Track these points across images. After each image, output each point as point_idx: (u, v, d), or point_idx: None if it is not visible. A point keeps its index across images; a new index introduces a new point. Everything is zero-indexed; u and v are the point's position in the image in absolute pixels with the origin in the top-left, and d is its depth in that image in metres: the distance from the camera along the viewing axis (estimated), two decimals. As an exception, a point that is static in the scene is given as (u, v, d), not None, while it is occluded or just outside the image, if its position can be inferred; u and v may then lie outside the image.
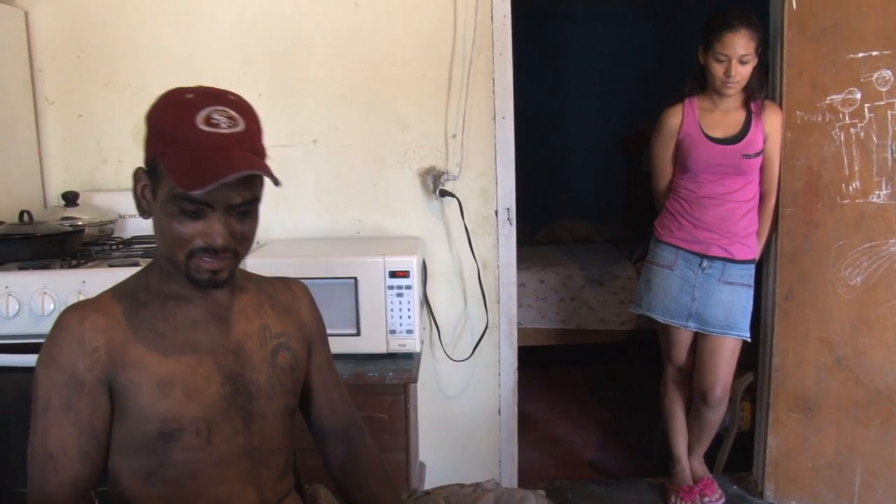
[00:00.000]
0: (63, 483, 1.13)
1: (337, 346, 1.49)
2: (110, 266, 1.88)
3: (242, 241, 1.17)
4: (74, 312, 1.17)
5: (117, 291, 1.23)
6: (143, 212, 1.20)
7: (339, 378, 1.45)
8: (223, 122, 1.11)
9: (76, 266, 1.89)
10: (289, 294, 1.37)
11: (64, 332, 1.15)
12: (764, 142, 2.41)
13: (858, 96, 2.30)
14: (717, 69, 2.33)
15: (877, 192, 2.32)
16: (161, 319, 1.19)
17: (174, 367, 1.17)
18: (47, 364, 1.14)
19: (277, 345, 1.29)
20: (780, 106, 2.44)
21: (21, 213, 1.97)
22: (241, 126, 1.13)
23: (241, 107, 1.15)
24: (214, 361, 1.21)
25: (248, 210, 1.16)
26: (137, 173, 1.18)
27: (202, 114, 1.10)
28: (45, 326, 1.76)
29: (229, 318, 1.25)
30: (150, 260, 1.28)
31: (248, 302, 1.29)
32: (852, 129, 2.33)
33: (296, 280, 1.41)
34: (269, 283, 1.37)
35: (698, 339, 2.55)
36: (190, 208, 1.11)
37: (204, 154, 1.09)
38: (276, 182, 1.13)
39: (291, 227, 2.50)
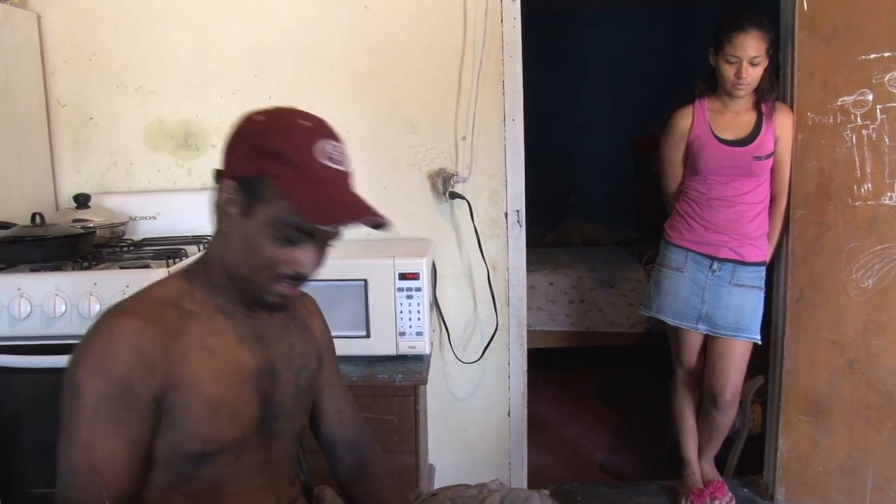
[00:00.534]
0: (113, 499, 1.06)
1: (346, 348, 1.50)
2: (121, 268, 1.89)
3: (320, 271, 1.18)
4: (130, 319, 1.09)
5: (159, 296, 1.16)
6: (219, 223, 1.16)
7: (347, 390, 1.46)
8: (341, 159, 1.12)
9: (88, 268, 1.90)
10: (304, 310, 1.37)
11: (119, 341, 1.07)
12: (775, 144, 2.40)
13: (870, 98, 2.29)
14: (728, 71, 2.32)
15: (889, 194, 2.31)
16: (211, 335, 1.16)
17: (223, 391, 1.16)
18: (97, 373, 1.06)
19: (301, 365, 1.30)
20: (791, 107, 2.43)
21: (33, 216, 1.98)
22: (351, 166, 1.15)
23: (343, 144, 1.16)
24: (254, 384, 1.20)
25: (332, 243, 1.18)
26: (223, 183, 1.12)
27: (321, 146, 1.10)
28: (57, 328, 1.79)
29: (266, 337, 1.24)
30: (186, 264, 1.25)
31: (279, 319, 1.28)
32: (864, 131, 2.31)
33: (306, 294, 1.39)
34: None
35: (708, 342, 2.54)
36: (295, 237, 1.11)
37: (331, 190, 1.10)
38: (385, 227, 1.13)
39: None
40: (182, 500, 1.15)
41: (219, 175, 1.15)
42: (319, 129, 1.13)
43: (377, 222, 1.12)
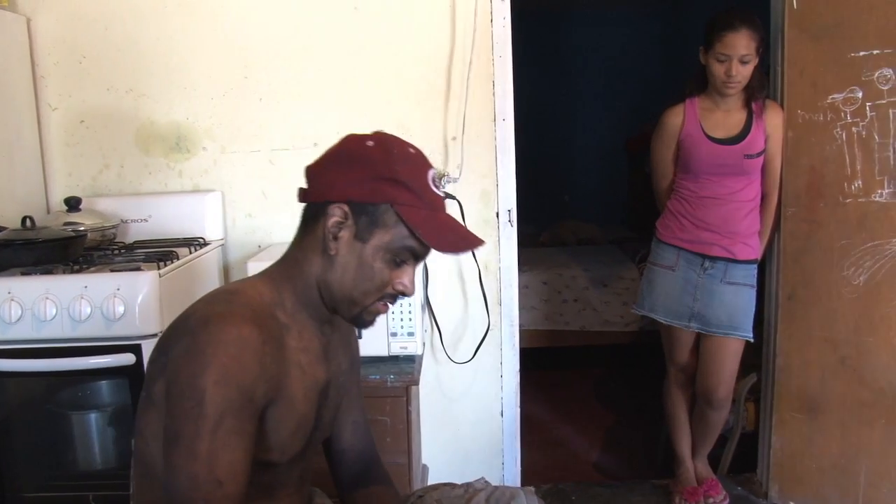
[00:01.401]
0: None
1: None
2: (112, 271, 1.89)
3: None
4: (252, 328, 1.07)
5: (257, 303, 1.14)
6: (323, 244, 1.17)
7: (363, 401, 1.48)
8: (439, 184, 1.21)
9: (79, 271, 1.89)
10: (347, 327, 1.37)
11: (246, 350, 1.05)
12: (765, 142, 2.40)
13: (860, 95, 2.30)
14: (718, 69, 2.32)
15: (879, 191, 2.31)
16: (302, 352, 1.18)
17: (307, 409, 1.19)
18: (225, 382, 1.03)
19: (342, 382, 1.33)
20: (782, 105, 2.44)
21: (23, 219, 1.98)
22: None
23: None
24: (316, 401, 1.23)
25: None
26: (333, 206, 1.14)
27: (431, 174, 1.19)
28: (49, 332, 1.79)
29: (329, 355, 1.27)
30: (267, 269, 1.26)
31: (338, 338, 1.32)
32: (854, 129, 2.32)
33: None
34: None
35: (701, 340, 2.54)
36: (404, 259, 1.17)
37: (443, 217, 1.19)
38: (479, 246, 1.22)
39: (292, 231, 2.49)
40: None
41: (308, 195, 1.19)
42: (424, 158, 1.20)
43: (478, 246, 1.20)
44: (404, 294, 1.20)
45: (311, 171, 1.21)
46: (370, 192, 1.13)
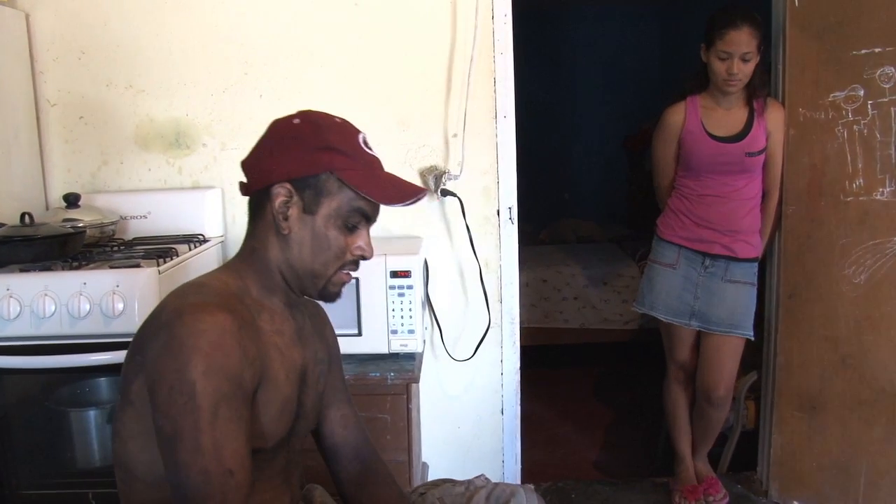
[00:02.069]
0: (244, 499, 1.04)
1: (339, 346, 1.50)
2: (112, 268, 1.88)
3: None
4: (225, 315, 1.07)
5: (224, 291, 1.16)
6: (276, 227, 1.19)
7: (351, 396, 1.47)
8: (372, 146, 1.24)
9: (78, 268, 1.88)
10: (320, 319, 1.41)
11: (225, 336, 1.05)
12: (766, 140, 2.40)
13: (861, 93, 2.29)
14: (720, 67, 2.32)
15: (880, 190, 2.31)
16: (277, 334, 1.19)
17: (290, 390, 1.19)
18: (213, 372, 1.03)
19: (321, 370, 1.33)
20: (783, 103, 2.43)
21: (22, 215, 1.97)
22: None
23: None
24: (297, 384, 1.23)
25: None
26: (276, 189, 1.16)
27: (362, 136, 1.22)
28: (47, 328, 1.78)
29: (303, 339, 1.28)
30: (226, 264, 1.27)
31: (310, 324, 1.33)
32: (855, 127, 2.31)
33: (317, 303, 1.41)
34: (307, 305, 1.37)
35: (701, 338, 2.54)
36: (357, 222, 1.20)
37: (381, 173, 1.23)
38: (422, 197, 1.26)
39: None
40: None
41: (249, 186, 1.21)
42: (352, 125, 1.24)
43: (421, 196, 1.23)
44: (363, 257, 1.22)
45: (248, 164, 1.24)
46: (308, 165, 1.16)
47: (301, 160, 1.16)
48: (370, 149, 1.23)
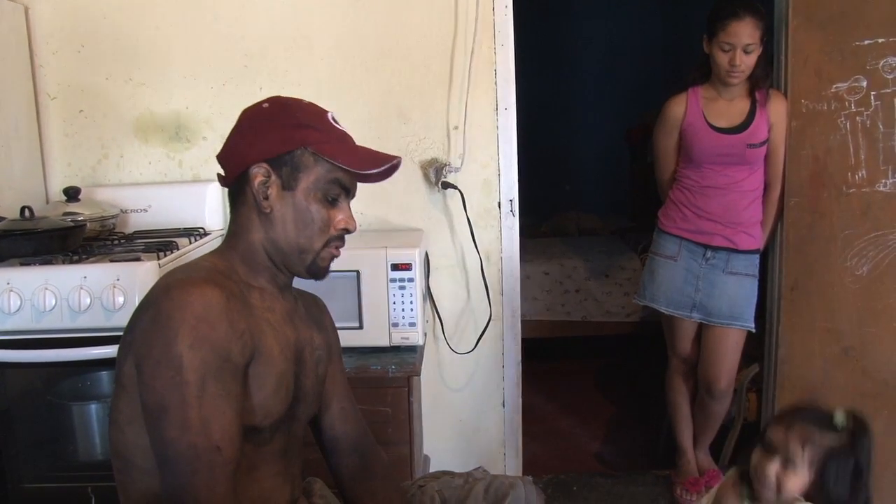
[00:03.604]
0: (231, 475, 1.04)
1: (340, 339, 1.49)
2: (112, 261, 1.87)
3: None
4: (213, 288, 1.08)
5: (212, 272, 1.16)
6: (258, 209, 1.20)
7: (351, 391, 1.47)
8: (340, 122, 1.26)
9: (78, 261, 1.88)
10: (317, 308, 1.41)
11: (212, 309, 1.05)
12: (769, 131, 2.39)
13: (864, 84, 2.28)
14: (722, 58, 2.31)
15: (883, 181, 2.30)
16: (268, 311, 1.20)
17: (285, 366, 1.19)
18: (199, 345, 1.03)
19: (319, 356, 1.33)
20: (785, 95, 2.42)
21: (22, 209, 1.97)
22: None
23: None
24: (294, 362, 1.23)
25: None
26: (253, 170, 1.18)
27: (329, 114, 1.25)
28: (48, 322, 1.78)
29: (296, 321, 1.28)
30: (212, 250, 1.27)
31: (302, 309, 1.34)
32: (858, 118, 2.30)
33: (315, 295, 1.43)
34: (302, 295, 1.38)
35: (703, 330, 2.54)
36: (336, 194, 1.21)
37: (353, 145, 1.26)
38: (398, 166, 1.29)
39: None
40: None
41: (227, 176, 1.22)
42: (319, 105, 1.27)
43: (397, 164, 1.27)
44: (347, 230, 1.24)
45: (223, 154, 1.24)
46: (281, 143, 1.18)
47: (275, 139, 1.18)
48: (339, 124, 1.26)
